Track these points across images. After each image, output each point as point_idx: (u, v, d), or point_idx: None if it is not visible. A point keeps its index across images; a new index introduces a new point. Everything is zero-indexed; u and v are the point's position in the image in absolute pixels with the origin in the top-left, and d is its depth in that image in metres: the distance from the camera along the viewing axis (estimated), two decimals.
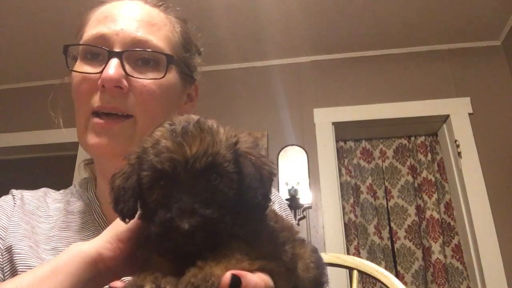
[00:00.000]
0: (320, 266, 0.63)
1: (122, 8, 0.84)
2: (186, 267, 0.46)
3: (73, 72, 0.82)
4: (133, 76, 0.79)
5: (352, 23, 2.87)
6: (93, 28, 0.82)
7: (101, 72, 0.77)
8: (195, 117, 0.55)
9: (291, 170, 2.82)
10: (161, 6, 0.89)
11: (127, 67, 0.78)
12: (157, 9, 0.88)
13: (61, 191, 0.93)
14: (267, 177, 0.56)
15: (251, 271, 0.48)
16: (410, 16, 2.81)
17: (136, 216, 0.55)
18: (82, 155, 0.93)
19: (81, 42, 0.83)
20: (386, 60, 3.13)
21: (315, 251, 0.64)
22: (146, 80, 0.79)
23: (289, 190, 2.73)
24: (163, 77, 0.81)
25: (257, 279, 0.48)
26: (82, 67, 0.81)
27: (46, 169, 3.26)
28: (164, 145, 0.51)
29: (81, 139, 0.81)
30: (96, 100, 0.78)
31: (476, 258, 2.59)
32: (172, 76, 0.84)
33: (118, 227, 0.58)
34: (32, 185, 0.94)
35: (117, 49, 0.79)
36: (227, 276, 0.45)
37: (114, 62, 0.77)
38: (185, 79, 0.89)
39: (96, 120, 0.78)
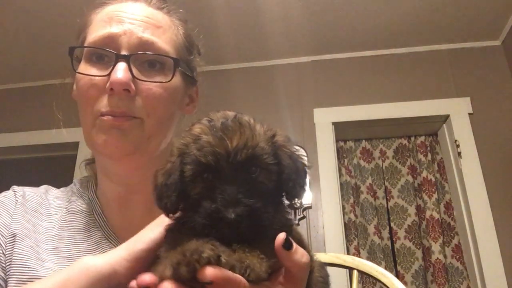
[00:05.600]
0: (327, 282, 0.64)
1: (127, 10, 0.83)
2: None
3: (77, 74, 0.81)
4: (140, 79, 0.78)
5: (352, 23, 2.87)
6: (99, 30, 0.81)
7: (108, 75, 0.77)
8: (231, 113, 0.58)
9: None
10: (164, 9, 0.89)
11: (134, 70, 0.78)
12: (161, 12, 0.87)
13: (61, 189, 0.92)
14: (302, 169, 0.59)
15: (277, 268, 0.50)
16: (410, 16, 2.80)
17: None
18: (82, 155, 0.94)
19: (86, 44, 0.82)
20: (386, 60, 3.12)
21: (322, 266, 0.66)
22: (153, 83, 0.80)
23: None
24: (170, 80, 0.81)
25: (304, 250, 0.50)
26: (88, 70, 0.80)
27: (46, 169, 3.26)
28: (206, 140, 0.53)
29: (89, 139, 0.81)
30: (104, 104, 0.77)
31: (476, 258, 2.59)
32: (176, 78, 0.84)
33: (137, 244, 0.58)
34: (32, 185, 0.94)
35: (124, 52, 0.78)
36: (283, 234, 0.48)
37: (122, 66, 0.76)
38: (187, 81, 0.89)
39: (106, 117, 0.77)
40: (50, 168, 3.19)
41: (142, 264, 0.57)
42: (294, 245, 0.49)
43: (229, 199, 0.49)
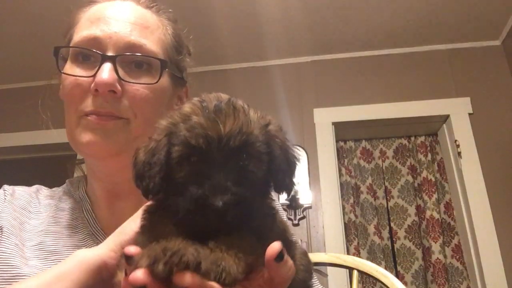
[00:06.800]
0: (309, 270, 0.63)
1: (115, 10, 0.82)
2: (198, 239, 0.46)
3: (63, 74, 0.80)
4: (126, 81, 0.78)
5: (352, 23, 2.87)
6: (85, 30, 0.80)
7: (94, 75, 0.76)
8: (225, 96, 0.55)
9: None
10: (153, 8, 0.88)
11: (120, 71, 0.77)
12: (150, 11, 0.86)
13: (53, 189, 0.93)
14: (292, 161, 0.57)
15: (257, 266, 0.49)
16: (410, 16, 2.80)
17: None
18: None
19: (72, 43, 0.81)
20: (386, 60, 3.12)
21: (305, 254, 0.65)
22: (139, 84, 0.79)
23: None
24: (157, 82, 0.80)
25: (292, 263, 0.50)
26: (73, 69, 0.79)
27: (46, 169, 3.26)
28: (197, 121, 0.50)
29: (72, 138, 0.80)
30: (88, 104, 0.77)
31: (476, 258, 2.59)
32: (164, 80, 0.83)
33: (121, 236, 0.59)
34: (31, 185, 0.94)
35: (110, 53, 0.77)
36: (277, 245, 0.46)
37: (107, 66, 0.75)
38: (176, 82, 0.88)
39: (91, 116, 0.76)
40: (49, 168, 3.19)
41: None
42: (285, 257, 0.47)
43: (218, 186, 0.47)
